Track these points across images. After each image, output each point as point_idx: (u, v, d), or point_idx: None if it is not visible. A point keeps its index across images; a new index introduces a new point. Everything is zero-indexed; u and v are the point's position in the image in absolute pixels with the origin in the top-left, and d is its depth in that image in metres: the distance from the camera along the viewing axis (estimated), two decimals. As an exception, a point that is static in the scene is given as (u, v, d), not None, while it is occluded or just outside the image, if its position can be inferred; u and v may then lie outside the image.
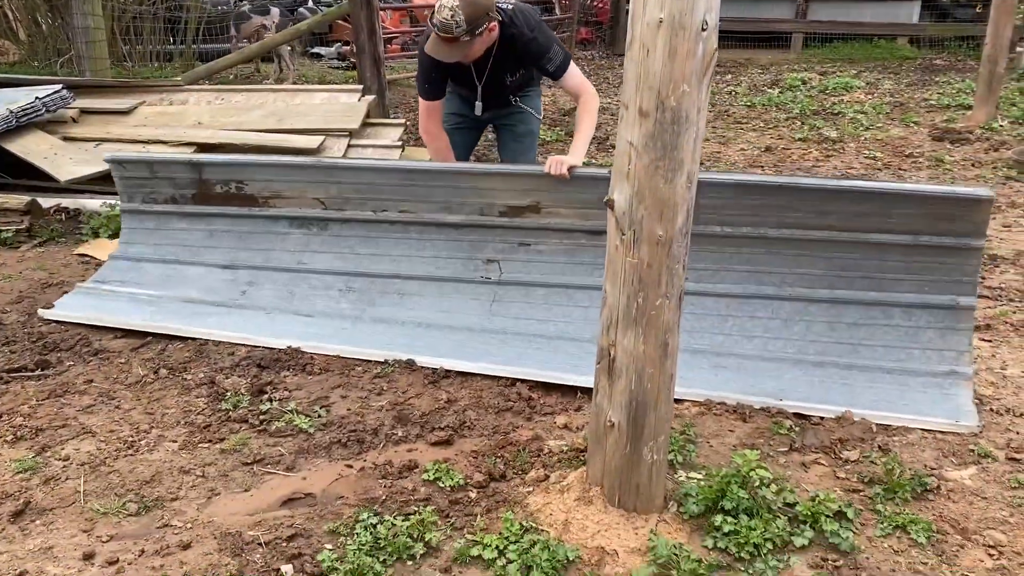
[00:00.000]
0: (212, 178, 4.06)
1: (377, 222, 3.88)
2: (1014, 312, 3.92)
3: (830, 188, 3.23)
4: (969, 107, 8.69)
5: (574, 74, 3.77)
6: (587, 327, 3.48)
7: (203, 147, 5.69)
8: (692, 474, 2.60)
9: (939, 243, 3.14)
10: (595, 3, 14.58)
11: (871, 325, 3.23)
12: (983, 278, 4.39)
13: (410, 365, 3.39)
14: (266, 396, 3.15)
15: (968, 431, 2.89)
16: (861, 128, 8.05)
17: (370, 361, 3.45)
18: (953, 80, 10.60)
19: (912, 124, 8.20)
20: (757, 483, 2.43)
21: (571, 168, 3.48)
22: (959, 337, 3.18)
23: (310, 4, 14.19)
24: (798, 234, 3.28)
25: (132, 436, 2.90)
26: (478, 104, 3.97)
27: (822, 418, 2.99)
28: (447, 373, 3.34)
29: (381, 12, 8.30)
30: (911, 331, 3.19)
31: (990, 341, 3.63)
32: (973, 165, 6.78)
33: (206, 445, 2.85)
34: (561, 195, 3.57)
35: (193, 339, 3.62)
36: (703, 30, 2.03)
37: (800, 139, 7.70)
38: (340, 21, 11.98)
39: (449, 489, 2.59)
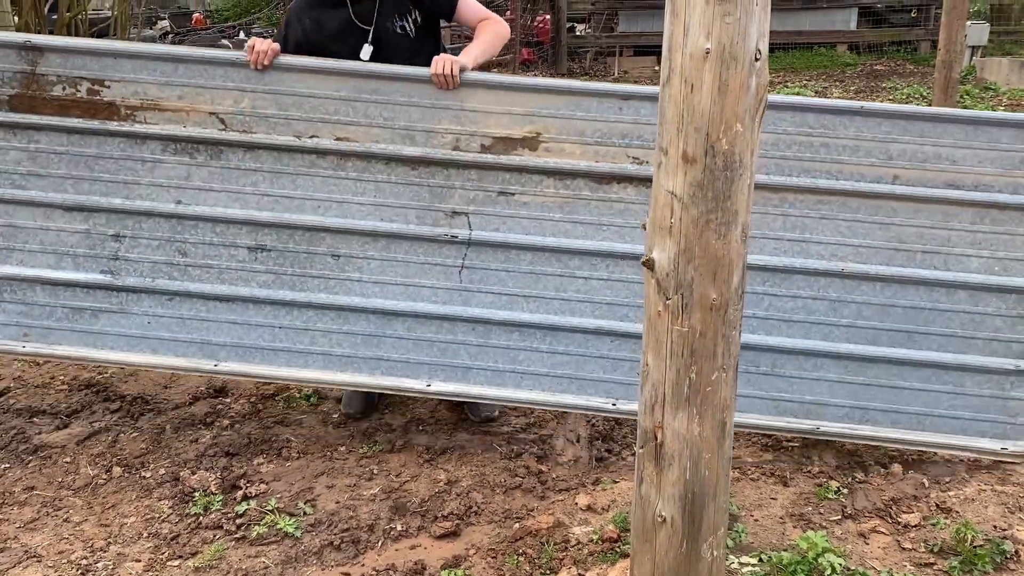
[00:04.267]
0: (52, 72, 2.89)
1: (299, 151, 2.87)
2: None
3: (904, 114, 2.75)
4: (923, 113, 8.65)
5: (471, 3, 3.00)
6: (588, 310, 2.88)
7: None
8: (745, 559, 2.29)
9: (1012, 202, 2.71)
10: (536, 24, 14.40)
11: (931, 310, 2.79)
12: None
13: (391, 427, 3.02)
14: (241, 493, 2.73)
15: (1014, 458, 2.70)
16: (822, 140, 7.91)
17: (352, 437, 3.07)
18: (899, 85, 10.64)
19: (871, 133, 8.10)
20: (827, 570, 2.12)
21: (461, 70, 2.75)
22: None
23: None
24: (861, 187, 2.75)
25: (86, 558, 2.46)
26: (367, 48, 2.99)
27: (869, 467, 2.71)
28: (444, 449, 2.97)
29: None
30: (976, 318, 2.77)
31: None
32: (941, 173, 6.66)
33: (176, 563, 2.43)
34: (576, 123, 2.78)
35: (144, 431, 3.18)
36: (756, 60, 1.73)
37: (764, 154, 7.53)
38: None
39: (471, 601, 2.23)
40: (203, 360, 2.96)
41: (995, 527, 2.44)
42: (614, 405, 2.81)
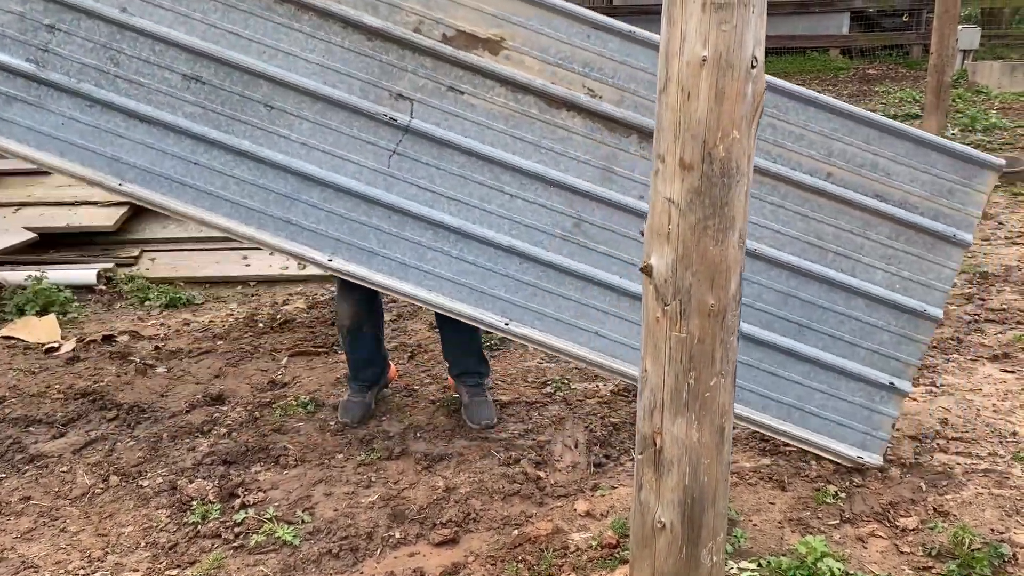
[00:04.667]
0: None
1: None
2: (1027, 336, 3.74)
3: (856, 116, 2.75)
4: (915, 116, 8.70)
5: None
6: (506, 227, 2.84)
7: (138, 206, 5.23)
8: (744, 564, 2.29)
9: (930, 227, 2.78)
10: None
11: (828, 309, 2.84)
12: (982, 300, 4.22)
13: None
14: (239, 501, 2.73)
15: (868, 467, 2.79)
16: (815, 144, 7.94)
17: (350, 444, 3.07)
18: (891, 89, 10.69)
19: (864, 137, 8.14)
20: (826, 575, 2.12)
21: None
22: (912, 348, 2.85)
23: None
24: (795, 176, 2.75)
25: (84, 568, 2.45)
26: None
27: (866, 470, 2.72)
28: (442, 456, 2.97)
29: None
30: (867, 328, 2.84)
31: (1013, 372, 3.43)
32: (935, 176, 6.70)
33: (174, 572, 2.42)
34: (543, 39, 2.74)
35: (141, 439, 3.17)
36: (752, 67, 1.74)
37: (758, 159, 7.56)
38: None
39: (470, 608, 2.22)
40: (109, 176, 2.83)
41: (992, 530, 2.44)
42: (506, 325, 2.81)
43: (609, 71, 2.74)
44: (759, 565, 2.27)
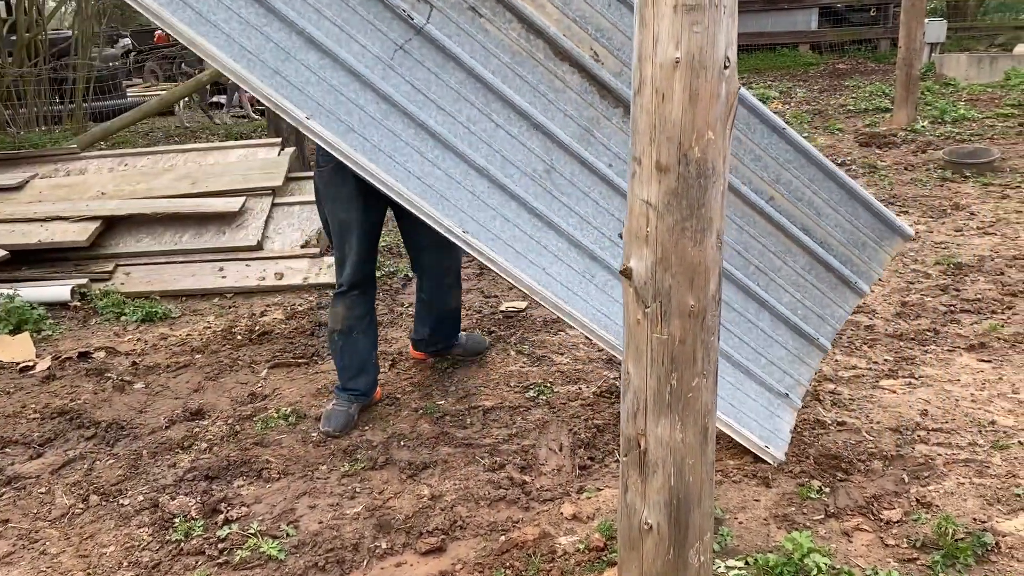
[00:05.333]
0: None
1: None
2: (1002, 325, 3.77)
3: (809, 154, 2.94)
4: (886, 110, 8.80)
5: None
6: (484, 151, 2.88)
7: (110, 220, 5.17)
8: (732, 562, 2.29)
9: (838, 270, 3.04)
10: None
11: (740, 314, 2.99)
12: (957, 290, 4.26)
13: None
14: (222, 517, 2.70)
15: (772, 461, 2.85)
16: (788, 139, 8.00)
17: (333, 455, 3.04)
18: (861, 84, 10.79)
19: (836, 131, 8.22)
20: (812, 570, 2.13)
21: None
22: (803, 370, 3.09)
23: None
24: (743, 191, 2.91)
25: (65, 590, 2.42)
26: None
27: (850, 464, 2.73)
28: (426, 464, 2.96)
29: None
30: (769, 341, 3.02)
31: (990, 361, 3.46)
32: (906, 169, 6.77)
33: (158, 591, 2.40)
34: None
35: (121, 457, 3.13)
36: (725, 68, 1.75)
37: (732, 156, 7.59)
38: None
39: (459, 617, 2.21)
40: None
41: (975, 520, 2.46)
42: (464, 233, 2.82)
43: (617, 43, 2.83)
44: (747, 563, 2.28)
